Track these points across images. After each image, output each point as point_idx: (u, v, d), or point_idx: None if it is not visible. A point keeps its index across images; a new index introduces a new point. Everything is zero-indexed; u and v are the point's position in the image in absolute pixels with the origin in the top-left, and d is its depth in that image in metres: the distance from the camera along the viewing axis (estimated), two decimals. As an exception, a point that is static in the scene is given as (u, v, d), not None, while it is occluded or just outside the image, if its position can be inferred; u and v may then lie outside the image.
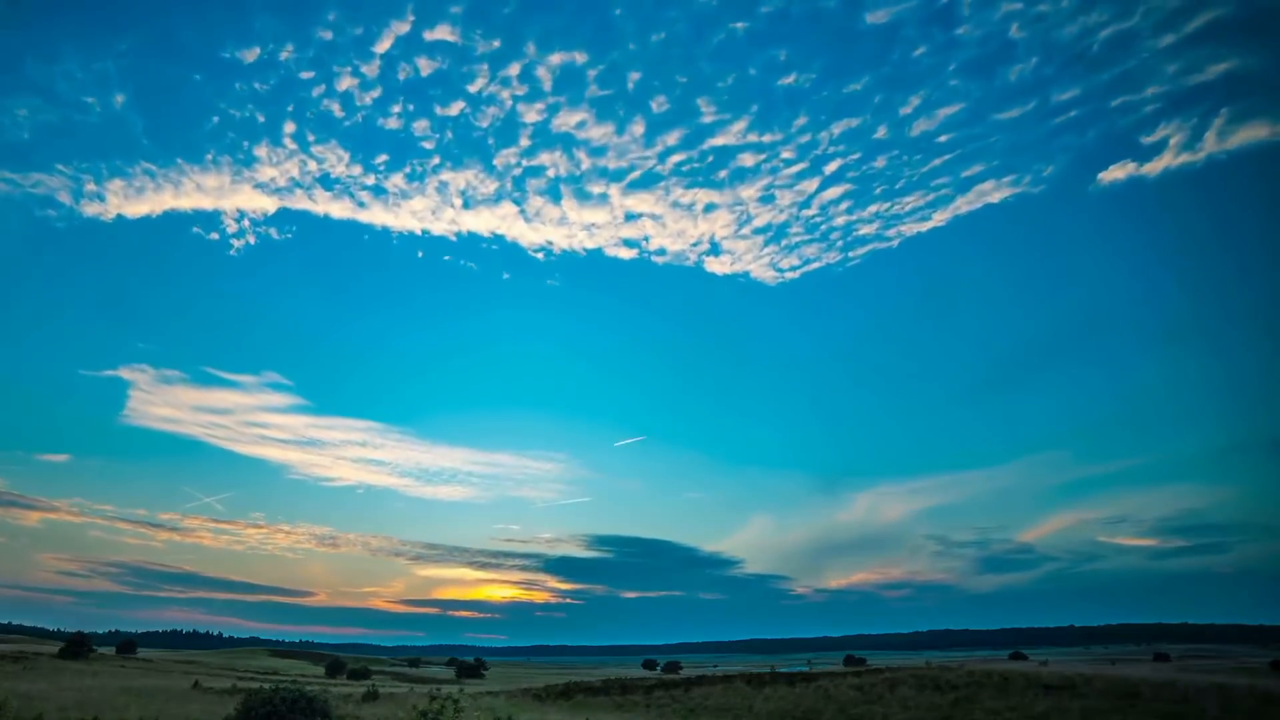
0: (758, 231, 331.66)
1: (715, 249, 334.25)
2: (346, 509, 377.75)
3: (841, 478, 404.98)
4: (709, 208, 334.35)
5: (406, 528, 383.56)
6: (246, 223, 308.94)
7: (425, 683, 55.70)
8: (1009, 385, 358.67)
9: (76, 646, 49.22)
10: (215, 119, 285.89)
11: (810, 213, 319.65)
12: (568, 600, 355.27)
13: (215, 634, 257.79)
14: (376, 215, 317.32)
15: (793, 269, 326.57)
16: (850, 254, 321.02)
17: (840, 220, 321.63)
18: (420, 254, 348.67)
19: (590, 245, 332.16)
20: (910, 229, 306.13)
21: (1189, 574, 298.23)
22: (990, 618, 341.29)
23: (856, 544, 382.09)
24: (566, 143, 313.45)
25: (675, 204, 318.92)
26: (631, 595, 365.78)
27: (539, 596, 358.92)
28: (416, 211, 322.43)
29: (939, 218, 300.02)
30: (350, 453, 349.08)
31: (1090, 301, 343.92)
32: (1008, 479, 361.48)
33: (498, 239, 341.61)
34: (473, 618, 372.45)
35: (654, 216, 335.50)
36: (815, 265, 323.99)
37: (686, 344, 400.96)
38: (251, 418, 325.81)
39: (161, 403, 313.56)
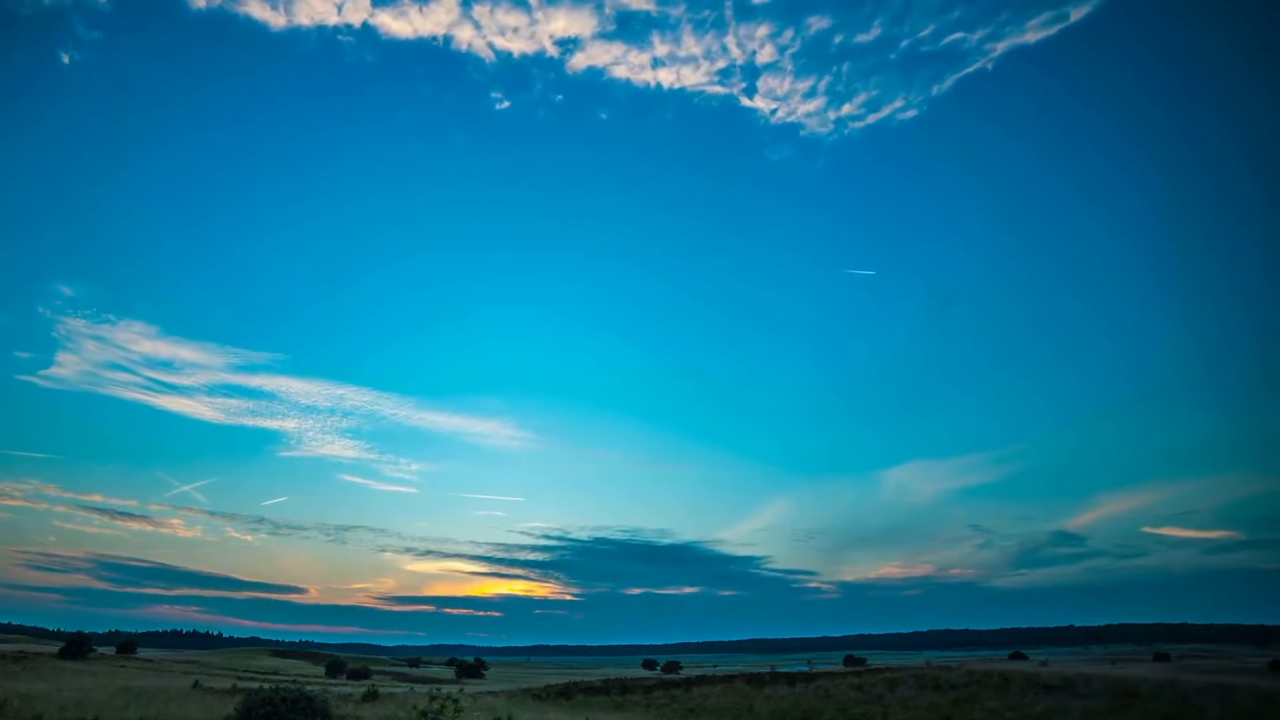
0: (808, 50, 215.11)
1: (752, 81, 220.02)
2: (327, 495, 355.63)
3: (874, 452, 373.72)
4: (743, 9, 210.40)
5: (390, 515, 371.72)
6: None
7: (425, 683, 55.70)
8: (1109, 315, 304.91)
9: (76, 646, 49.15)
10: None
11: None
12: (567, 597, 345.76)
13: (215, 634, 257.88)
14: (254, 6, 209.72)
15: (855, 118, 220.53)
16: (935, 87, 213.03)
17: (927, 30, 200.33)
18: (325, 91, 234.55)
19: (572, 68, 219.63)
20: (1033, 34, 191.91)
21: (1241, 571, 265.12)
22: (1010, 617, 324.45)
23: (886, 532, 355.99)
24: None
25: None
26: (636, 592, 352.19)
27: (537, 592, 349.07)
28: (315, 11, 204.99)
29: (1077, 12, 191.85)
30: (322, 422, 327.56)
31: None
32: (1064, 452, 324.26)
33: (433, 49, 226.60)
34: (468, 615, 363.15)
35: (663, 26, 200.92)
36: (885, 111, 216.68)
37: (702, 240, 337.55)
38: (210, 379, 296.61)
39: (89, 356, 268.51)
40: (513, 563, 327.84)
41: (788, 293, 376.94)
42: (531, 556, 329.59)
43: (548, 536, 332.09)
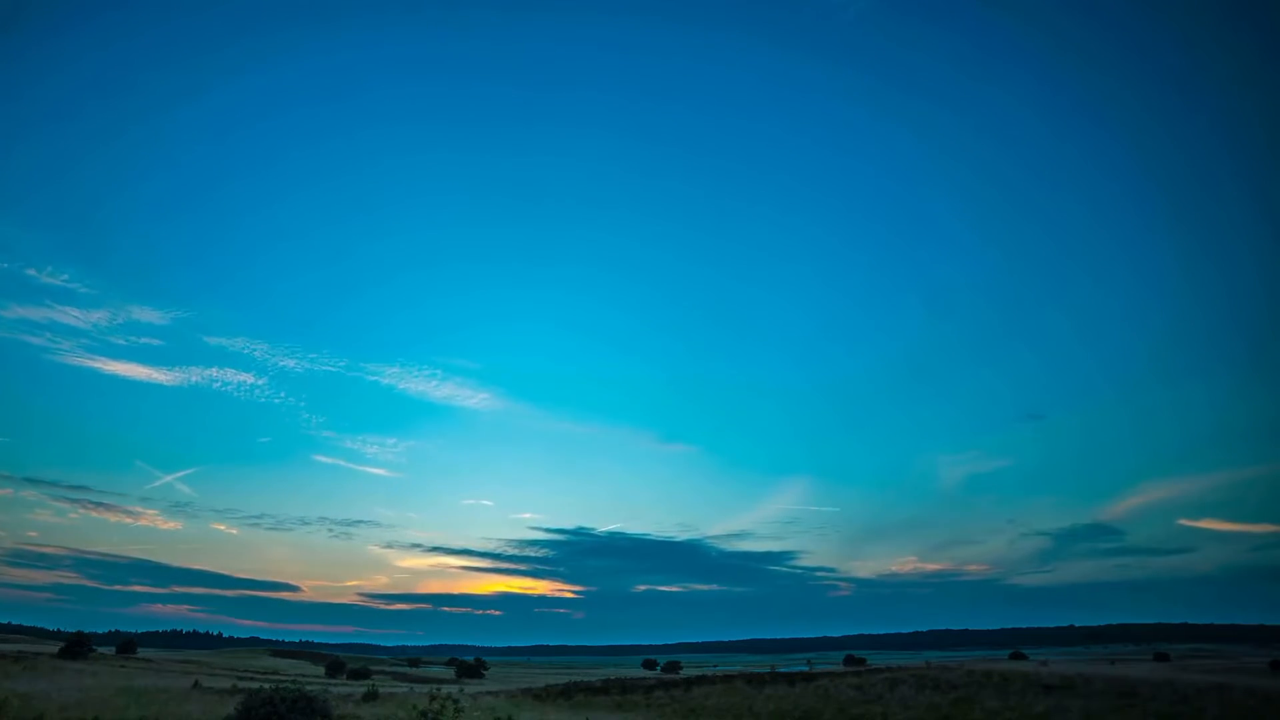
0: None
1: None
2: (310, 483, 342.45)
3: (896, 441, 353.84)
4: None
5: (375, 505, 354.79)
6: None
7: (425, 683, 55.72)
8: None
9: (76, 646, 49.17)
10: None
11: None
12: (567, 594, 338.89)
13: (215, 634, 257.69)
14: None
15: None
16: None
17: None
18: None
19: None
20: None
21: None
22: (1015, 616, 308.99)
23: (908, 525, 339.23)
24: None
25: None
26: (640, 589, 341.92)
27: (537, 590, 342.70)
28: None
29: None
30: (295, 395, 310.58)
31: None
32: (1101, 437, 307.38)
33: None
34: (467, 614, 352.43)
35: None
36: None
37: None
38: (161, 341, 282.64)
39: (16, 312, 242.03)
40: (507, 558, 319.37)
41: (796, 268, 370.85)
42: (524, 552, 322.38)
43: (548, 530, 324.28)
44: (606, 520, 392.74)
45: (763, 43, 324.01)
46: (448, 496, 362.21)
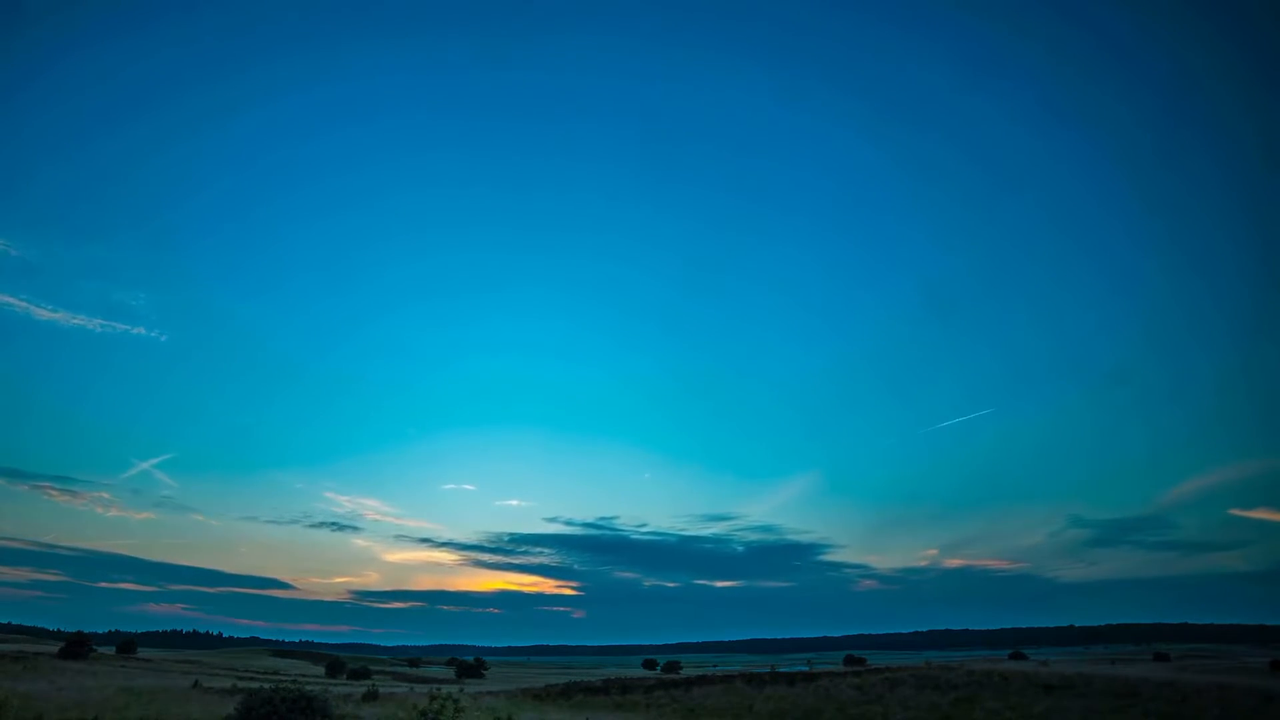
0: None
1: None
2: (286, 471, 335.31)
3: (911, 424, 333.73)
4: None
5: (355, 488, 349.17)
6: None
7: (425, 682, 55.71)
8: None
9: (76, 646, 49.14)
10: None
11: None
12: (567, 592, 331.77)
13: (215, 633, 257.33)
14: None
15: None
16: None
17: None
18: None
19: None
20: None
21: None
22: (1018, 616, 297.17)
23: (930, 518, 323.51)
24: None
25: None
26: (649, 584, 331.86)
27: (536, 587, 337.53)
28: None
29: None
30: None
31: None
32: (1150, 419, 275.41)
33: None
34: (466, 612, 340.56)
35: None
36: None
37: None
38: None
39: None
40: (502, 551, 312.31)
41: (795, 263, 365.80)
42: (522, 547, 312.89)
43: (566, 523, 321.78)
44: (603, 514, 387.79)
45: (703, 44, 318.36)
46: (427, 482, 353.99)
